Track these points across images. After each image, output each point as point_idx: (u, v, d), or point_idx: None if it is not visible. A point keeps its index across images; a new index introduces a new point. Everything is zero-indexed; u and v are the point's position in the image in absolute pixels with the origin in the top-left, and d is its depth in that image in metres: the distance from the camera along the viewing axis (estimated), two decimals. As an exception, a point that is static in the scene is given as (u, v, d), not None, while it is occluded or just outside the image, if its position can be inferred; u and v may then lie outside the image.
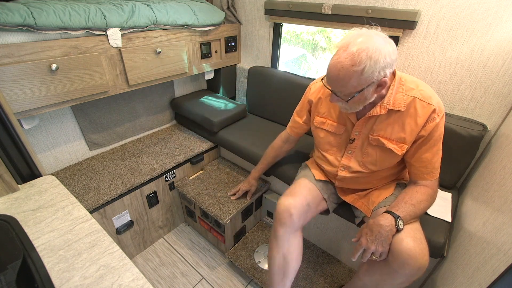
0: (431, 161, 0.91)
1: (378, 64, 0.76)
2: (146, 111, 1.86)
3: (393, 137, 0.93)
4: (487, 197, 0.95)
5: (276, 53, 1.92)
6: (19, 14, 0.99)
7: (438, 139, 0.90)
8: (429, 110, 0.86)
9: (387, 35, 0.81)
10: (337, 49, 0.80)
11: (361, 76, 0.77)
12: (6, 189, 0.89)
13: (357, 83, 0.79)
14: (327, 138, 1.08)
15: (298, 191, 1.08)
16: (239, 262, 1.55)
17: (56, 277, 0.66)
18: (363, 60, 0.75)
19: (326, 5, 1.45)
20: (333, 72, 0.80)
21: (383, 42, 0.77)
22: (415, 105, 0.87)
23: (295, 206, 1.02)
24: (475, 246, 0.86)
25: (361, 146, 1.00)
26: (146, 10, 1.37)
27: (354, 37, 0.78)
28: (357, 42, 0.76)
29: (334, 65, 0.79)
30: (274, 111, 1.89)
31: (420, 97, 0.87)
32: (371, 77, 0.78)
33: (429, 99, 0.86)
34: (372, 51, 0.75)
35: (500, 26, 1.09)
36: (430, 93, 0.88)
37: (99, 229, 0.79)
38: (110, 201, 1.38)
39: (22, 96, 1.08)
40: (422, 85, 0.89)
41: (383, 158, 0.97)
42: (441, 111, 0.87)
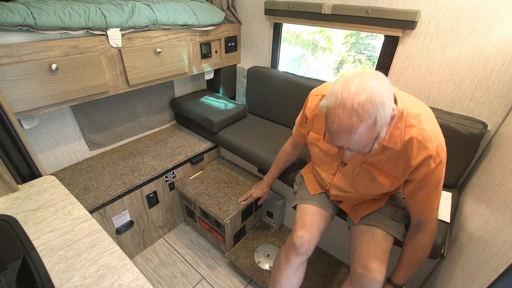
0: (427, 202, 0.87)
1: (387, 107, 0.66)
2: (146, 111, 1.86)
3: (385, 171, 0.89)
4: (487, 197, 0.95)
5: (276, 53, 1.92)
6: (19, 14, 0.99)
7: (435, 184, 0.83)
8: (424, 154, 0.78)
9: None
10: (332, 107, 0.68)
11: (375, 127, 0.67)
12: (6, 189, 0.89)
13: (372, 133, 0.69)
14: (320, 155, 1.06)
15: (310, 222, 1.07)
16: (239, 262, 1.55)
17: (56, 277, 0.66)
18: (371, 111, 0.64)
19: (326, 5, 1.45)
20: (343, 134, 0.68)
21: (375, 80, 0.67)
22: (411, 145, 0.79)
23: (310, 240, 1.03)
24: (475, 246, 0.86)
25: (353, 171, 0.97)
26: (146, 10, 1.37)
27: (344, 90, 0.66)
28: (352, 95, 0.65)
29: (340, 127, 0.67)
30: (274, 111, 1.89)
31: (419, 138, 0.77)
32: (385, 120, 0.68)
33: (427, 142, 0.77)
34: (376, 98, 0.64)
35: (500, 26, 1.09)
36: (431, 134, 0.77)
37: (99, 229, 0.79)
38: (110, 201, 1.38)
39: (22, 96, 1.08)
40: (425, 122, 0.78)
41: (374, 187, 0.95)
42: (440, 157, 0.78)
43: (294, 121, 1.21)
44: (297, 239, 1.03)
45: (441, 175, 0.83)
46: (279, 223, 1.74)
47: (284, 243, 1.12)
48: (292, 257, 1.05)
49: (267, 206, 1.71)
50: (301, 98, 1.68)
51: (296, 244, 1.03)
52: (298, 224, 1.07)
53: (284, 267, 1.08)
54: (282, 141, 1.66)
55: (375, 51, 1.68)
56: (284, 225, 1.81)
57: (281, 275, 1.09)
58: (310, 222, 1.07)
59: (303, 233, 1.03)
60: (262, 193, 1.46)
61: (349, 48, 1.82)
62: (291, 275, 1.08)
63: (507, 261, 0.63)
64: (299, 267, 1.08)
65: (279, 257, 1.11)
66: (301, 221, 1.08)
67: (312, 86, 1.64)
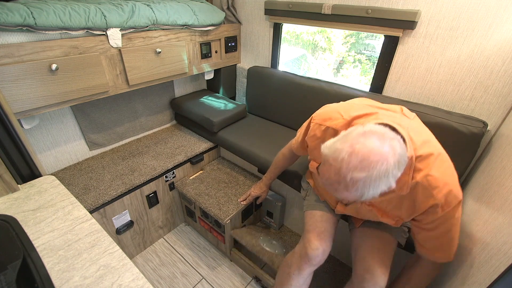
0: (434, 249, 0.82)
1: (380, 188, 0.62)
2: (146, 111, 1.86)
3: (388, 211, 0.85)
4: (487, 197, 0.94)
5: (276, 53, 1.92)
6: (19, 14, 0.99)
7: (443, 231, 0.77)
8: (430, 202, 0.73)
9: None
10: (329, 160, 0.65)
11: (360, 198, 0.65)
12: (6, 189, 0.89)
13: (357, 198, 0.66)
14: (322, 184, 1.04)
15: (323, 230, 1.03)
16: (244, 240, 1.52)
17: (56, 277, 0.66)
18: (360, 188, 0.61)
19: (326, 5, 1.45)
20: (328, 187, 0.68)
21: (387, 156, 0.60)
22: (417, 190, 0.74)
23: (325, 251, 1.00)
24: (475, 246, 0.86)
25: (355, 204, 0.95)
26: (146, 10, 1.37)
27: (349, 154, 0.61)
28: (351, 166, 0.60)
29: (327, 183, 0.67)
30: (274, 111, 1.89)
31: (425, 184, 0.72)
32: (372, 196, 0.64)
33: (434, 190, 0.71)
34: (371, 180, 0.60)
35: (500, 26, 1.09)
36: (439, 180, 0.71)
37: (99, 229, 0.79)
38: (110, 201, 1.38)
39: (22, 96, 1.08)
40: (434, 166, 0.72)
41: (378, 222, 0.94)
42: (449, 205, 0.72)
43: (294, 121, 1.21)
44: (312, 250, 0.98)
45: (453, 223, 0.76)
46: (279, 223, 1.74)
47: (293, 252, 1.08)
48: (305, 267, 1.02)
49: (267, 206, 1.71)
50: (301, 98, 1.69)
51: (310, 255, 0.99)
52: (311, 234, 1.02)
53: (295, 277, 1.04)
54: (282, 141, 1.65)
55: (375, 51, 1.68)
56: (284, 225, 1.81)
57: (290, 284, 1.06)
58: (324, 230, 1.03)
59: (318, 244, 0.99)
60: (261, 192, 1.46)
61: (349, 48, 1.82)
62: (300, 283, 1.05)
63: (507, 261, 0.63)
64: (309, 275, 1.06)
65: (288, 265, 1.07)
66: (314, 230, 1.03)
67: (312, 86, 1.65)
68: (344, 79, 1.88)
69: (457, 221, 0.77)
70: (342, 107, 0.92)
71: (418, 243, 0.87)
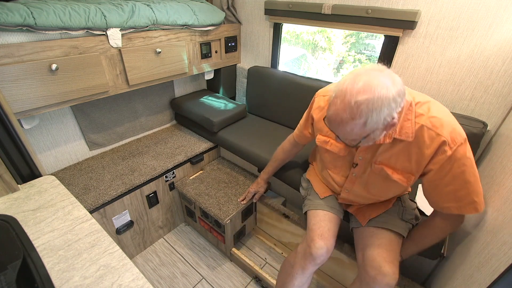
0: (456, 194, 0.78)
1: (382, 114, 0.66)
2: (146, 111, 1.86)
3: (398, 167, 0.85)
4: (487, 197, 0.95)
5: (276, 53, 1.92)
6: (19, 14, 0.99)
7: (459, 172, 0.75)
8: (438, 141, 0.74)
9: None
10: (334, 95, 0.71)
11: (364, 128, 0.69)
12: (6, 189, 0.89)
13: (361, 132, 0.71)
14: (330, 157, 1.04)
15: (327, 230, 1.03)
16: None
17: (56, 277, 0.66)
18: (364, 112, 0.66)
19: (326, 5, 1.46)
20: (334, 123, 0.72)
21: (387, 83, 0.66)
22: (422, 134, 0.76)
23: (328, 250, 1.00)
24: (475, 246, 0.86)
25: (364, 172, 0.95)
26: (146, 10, 1.37)
27: (352, 83, 0.67)
28: (355, 91, 0.66)
29: (333, 116, 0.71)
30: (274, 111, 1.89)
31: (429, 125, 0.75)
32: (376, 125, 0.69)
33: (439, 129, 0.74)
34: (374, 102, 0.65)
35: (500, 26, 1.09)
36: (442, 120, 0.75)
37: (99, 229, 0.79)
38: (110, 201, 1.38)
39: (22, 96, 1.08)
40: (434, 110, 0.77)
41: (388, 188, 0.93)
42: (456, 142, 0.74)
43: (294, 121, 1.21)
44: (316, 249, 0.98)
45: (464, 162, 0.75)
46: (279, 223, 1.74)
47: (295, 251, 1.08)
48: (309, 267, 1.02)
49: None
50: (301, 98, 1.69)
51: (314, 255, 0.99)
52: (315, 233, 1.02)
53: (297, 276, 1.04)
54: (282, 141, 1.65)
55: (375, 51, 1.68)
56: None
57: (293, 284, 1.06)
58: (327, 230, 1.03)
59: (322, 244, 0.99)
60: (258, 187, 1.46)
61: (349, 48, 1.82)
62: (303, 282, 1.06)
63: (507, 261, 0.63)
64: (311, 275, 1.06)
65: (291, 265, 1.07)
66: (318, 229, 1.03)
67: (312, 86, 1.65)
68: (344, 79, 1.88)
69: (469, 161, 0.75)
70: None
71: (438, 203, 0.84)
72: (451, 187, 0.78)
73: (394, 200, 1.05)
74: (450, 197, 0.80)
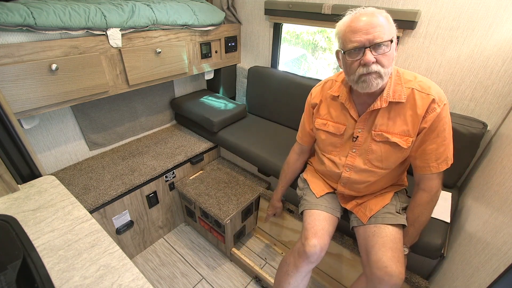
0: (437, 151, 0.88)
1: (393, 26, 0.82)
2: (146, 111, 1.86)
3: (396, 131, 0.91)
4: (487, 197, 0.95)
5: (276, 53, 1.92)
6: (19, 14, 0.99)
7: (442, 129, 0.86)
8: (428, 100, 0.84)
9: None
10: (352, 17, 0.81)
11: (389, 24, 0.80)
12: (6, 189, 0.89)
13: (389, 27, 0.80)
14: (329, 139, 1.06)
15: (321, 229, 1.05)
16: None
17: (56, 277, 0.66)
18: (384, 14, 0.80)
19: (326, 5, 1.46)
20: (366, 20, 0.79)
21: None
22: (414, 96, 0.86)
23: (322, 248, 1.01)
24: (475, 246, 0.86)
25: (365, 143, 0.98)
26: (146, 10, 1.37)
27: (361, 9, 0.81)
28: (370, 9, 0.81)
29: (362, 15, 0.79)
30: (274, 111, 1.89)
31: (418, 88, 0.86)
32: (393, 33, 0.81)
33: (427, 90, 0.85)
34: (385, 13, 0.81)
35: (500, 26, 1.09)
36: (428, 83, 0.87)
37: (99, 229, 0.79)
38: (110, 201, 1.38)
39: (22, 96, 1.08)
40: (420, 77, 0.89)
41: (389, 154, 0.95)
42: (442, 101, 0.85)
43: (295, 121, 1.21)
44: (309, 247, 1.00)
45: (446, 121, 0.86)
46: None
47: (291, 250, 1.09)
48: (303, 265, 1.03)
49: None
50: (301, 98, 1.68)
51: (308, 253, 1.00)
52: (309, 231, 1.04)
53: (292, 275, 1.06)
54: (282, 141, 1.66)
55: (375, 51, 1.67)
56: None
57: (288, 282, 1.07)
58: (321, 229, 1.05)
59: (315, 242, 1.01)
60: (275, 209, 1.47)
61: (349, 48, 1.82)
62: (298, 282, 1.07)
63: (507, 261, 0.63)
64: (307, 274, 1.07)
65: (286, 264, 1.08)
66: (312, 228, 1.05)
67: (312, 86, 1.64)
68: (344, 79, 1.88)
69: (449, 120, 0.87)
70: None
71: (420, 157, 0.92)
72: (434, 145, 0.88)
73: (392, 193, 1.06)
74: (432, 156, 0.89)
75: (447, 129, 0.87)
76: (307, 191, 1.21)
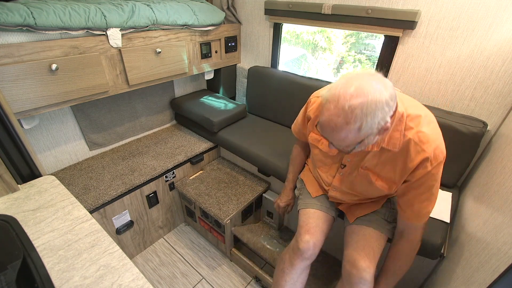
0: (421, 204, 0.85)
1: (376, 118, 0.66)
2: (146, 111, 1.86)
3: (383, 175, 0.88)
4: (487, 197, 0.95)
5: (276, 53, 1.92)
6: (19, 14, 0.99)
7: (430, 185, 0.82)
8: (421, 156, 0.77)
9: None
10: (327, 100, 0.69)
11: (359, 133, 0.68)
12: (6, 189, 0.89)
13: (355, 137, 0.70)
14: (320, 156, 1.06)
15: (314, 226, 1.06)
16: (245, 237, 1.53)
17: (56, 277, 0.66)
18: (358, 117, 0.64)
19: (326, 5, 1.46)
20: (327, 129, 0.71)
21: (379, 87, 0.65)
22: (409, 147, 0.79)
23: (316, 245, 1.02)
24: (475, 246, 0.86)
25: (351, 173, 0.97)
26: (146, 10, 1.37)
27: (344, 87, 0.66)
28: (348, 96, 0.64)
29: (327, 122, 0.69)
30: (274, 111, 1.89)
31: (416, 140, 0.77)
32: (370, 130, 0.68)
33: (425, 145, 0.77)
34: (368, 106, 0.64)
35: (500, 26, 1.09)
36: (429, 136, 0.77)
37: (99, 229, 0.79)
38: (110, 201, 1.38)
39: (22, 96, 1.08)
40: (424, 124, 0.78)
41: (372, 191, 0.96)
42: (437, 160, 0.77)
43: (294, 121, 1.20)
44: (303, 243, 1.02)
45: (436, 178, 0.81)
46: (279, 223, 1.74)
47: (287, 247, 1.11)
48: (297, 262, 1.04)
49: (267, 206, 1.70)
50: (301, 98, 1.68)
51: (302, 249, 1.02)
52: (303, 229, 1.06)
53: (288, 272, 1.07)
54: (282, 140, 1.66)
55: (375, 51, 1.67)
56: (284, 225, 1.81)
57: (285, 280, 1.08)
58: (315, 226, 1.06)
59: (308, 238, 1.02)
60: (288, 199, 1.32)
61: (349, 48, 1.82)
62: (295, 279, 1.07)
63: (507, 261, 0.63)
64: (303, 271, 1.07)
65: (283, 261, 1.10)
66: (306, 226, 1.07)
67: (312, 86, 1.65)
68: (344, 79, 1.88)
69: (439, 178, 0.82)
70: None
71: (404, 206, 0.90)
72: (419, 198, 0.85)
73: (383, 202, 1.06)
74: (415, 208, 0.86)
75: (435, 185, 0.82)
76: (303, 191, 1.22)
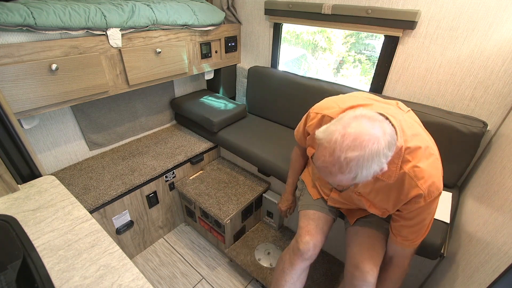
0: (407, 233, 0.86)
1: (372, 169, 0.64)
2: (146, 111, 1.86)
3: (376, 202, 0.89)
4: (487, 197, 0.95)
5: (276, 53, 1.92)
6: (19, 14, 0.99)
7: (421, 220, 0.81)
8: (415, 192, 0.76)
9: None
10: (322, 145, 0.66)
11: (353, 181, 0.67)
12: (6, 189, 0.89)
13: (350, 182, 0.69)
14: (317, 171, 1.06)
15: (315, 227, 1.06)
16: (239, 259, 1.54)
17: (56, 277, 0.66)
18: (353, 169, 0.63)
19: (326, 5, 1.46)
20: (322, 172, 0.69)
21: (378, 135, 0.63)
22: (404, 180, 0.77)
23: (316, 245, 1.03)
24: (475, 246, 0.86)
25: (346, 192, 0.98)
26: (146, 10, 1.37)
27: (341, 135, 0.63)
28: (344, 147, 0.62)
29: (322, 168, 0.68)
30: (274, 111, 1.89)
31: (411, 174, 0.75)
32: (366, 178, 0.67)
33: (419, 180, 0.75)
34: (364, 160, 0.62)
35: (500, 26, 1.09)
36: (425, 172, 0.75)
37: (99, 229, 0.79)
38: (110, 201, 1.38)
39: (22, 96, 1.08)
40: (422, 158, 0.76)
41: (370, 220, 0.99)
42: (431, 196, 0.76)
43: (295, 121, 1.20)
44: (303, 244, 1.02)
45: (430, 212, 0.81)
46: (279, 223, 1.74)
47: (287, 248, 1.11)
48: (297, 262, 1.04)
49: (267, 206, 1.71)
50: (301, 98, 1.69)
51: (302, 250, 1.02)
52: (303, 229, 1.06)
53: (288, 272, 1.07)
54: (282, 141, 1.66)
55: (375, 51, 1.67)
56: (284, 225, 1.81)
57: (285, 280, 1.08)
58: (315, 227, 1.07)
59: (308, 239, 1.03)
60: (289, 203, 1.36)
61: (349, 48, 1.82)
62: (294, 279, 1.07)
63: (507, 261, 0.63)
64: (303, 271, 1.07)
65: (283, 261, 1.10)
66: (306, 226, 1.07)
67: (312, 86, 1.65)
68: (344, 79, 1.88)
69: (434, 211, 0.82)
70: (340, 98, 0.96)
71: (394, 230, 0.90)
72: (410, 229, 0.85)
73: None
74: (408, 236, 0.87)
75: (428, 218, 0.82)
76: (304, 191, 1.22)
